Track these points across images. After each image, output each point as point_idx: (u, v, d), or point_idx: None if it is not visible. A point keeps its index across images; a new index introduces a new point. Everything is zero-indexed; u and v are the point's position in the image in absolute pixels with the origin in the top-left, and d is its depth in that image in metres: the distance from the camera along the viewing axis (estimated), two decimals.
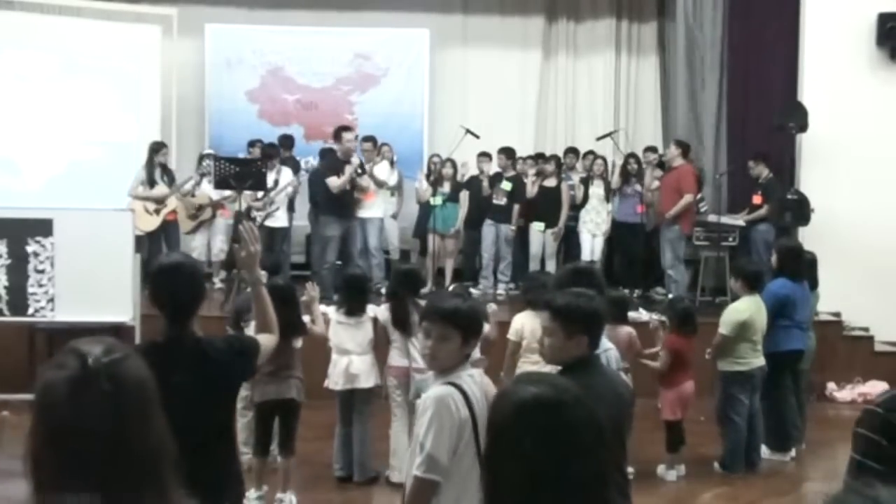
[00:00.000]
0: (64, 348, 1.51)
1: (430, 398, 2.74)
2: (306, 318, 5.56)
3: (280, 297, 5.40)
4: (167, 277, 2.95)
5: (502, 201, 9.84)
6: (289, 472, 5.51)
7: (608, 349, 3.49)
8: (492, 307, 5.98)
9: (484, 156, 10.04)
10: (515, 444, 1.64)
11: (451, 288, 6.73)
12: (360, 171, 8.98)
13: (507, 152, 9.95)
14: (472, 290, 9.72)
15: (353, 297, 5.96)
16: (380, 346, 5.99)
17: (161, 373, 1.60)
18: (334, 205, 9.01)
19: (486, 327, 5.68)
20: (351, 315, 5.90)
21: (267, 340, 3.13)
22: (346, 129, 9.15)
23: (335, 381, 5.87)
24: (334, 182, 8.86)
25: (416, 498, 2.71)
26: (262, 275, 3.29)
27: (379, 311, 5.94)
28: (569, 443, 1.62)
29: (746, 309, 6.29)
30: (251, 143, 10.25)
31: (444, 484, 2.69)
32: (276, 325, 3.17)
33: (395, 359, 5.84)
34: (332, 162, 9.20)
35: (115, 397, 1.45)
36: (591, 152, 10.59)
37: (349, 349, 5.87)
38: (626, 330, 5.87)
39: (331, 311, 6.08)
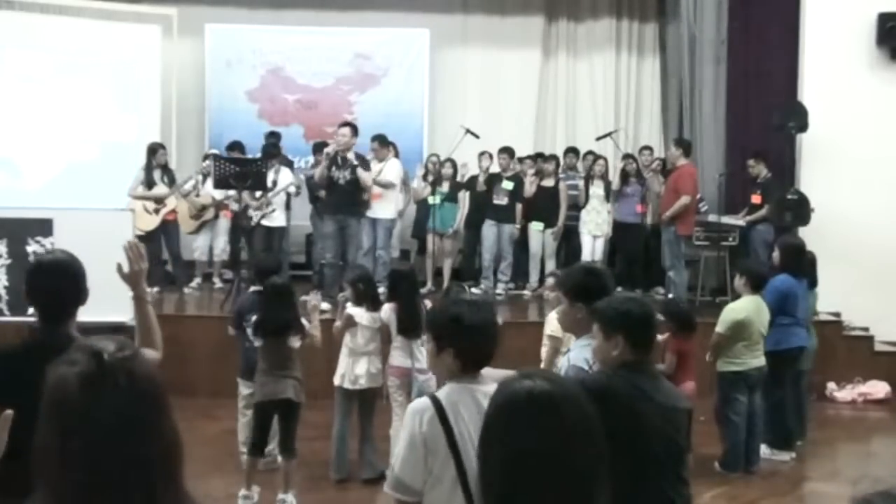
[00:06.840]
0: (74, 346, 1.51)
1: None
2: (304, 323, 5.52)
3: (277, 296, 5.43)
4: (47, 275, 2.90)
5: (504, 201, 9.80)
6: (290, 474, 5.49)
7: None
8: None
9: (485, 154, 10.02)
10: (502, 434, 1.65)
11: (448, 287, 6.72)
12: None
13: (509, 152, 9.93)
14: (473, 290, 9.73)
15: (374, 294, 6.00)
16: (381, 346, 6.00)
17: (35, 375, 1.54)
18: (326, 201, 9.02)
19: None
20: (376, 311, 5.90)
21: (149, 355, 2.98)
22: (345, 124, 9.06)
23: (352, 379, 5.83)
24: (316, 172, 9.00)
25: None
26: (151, 291, 3.29)
27: (383, 311, 5.89)
28: (554, 437, 1.61)
29: (744, 308, 6.29)
30: (230, 147, 10.03)
31: None
32: (160, 342, 3.09)
33: (397, 359, 5.82)
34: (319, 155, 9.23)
35: (131, 393, 1.45)
36: (590, 152, 10.59)
37: (370, 350, 5.88)
38: None
39: (356, 311, 5.93)
